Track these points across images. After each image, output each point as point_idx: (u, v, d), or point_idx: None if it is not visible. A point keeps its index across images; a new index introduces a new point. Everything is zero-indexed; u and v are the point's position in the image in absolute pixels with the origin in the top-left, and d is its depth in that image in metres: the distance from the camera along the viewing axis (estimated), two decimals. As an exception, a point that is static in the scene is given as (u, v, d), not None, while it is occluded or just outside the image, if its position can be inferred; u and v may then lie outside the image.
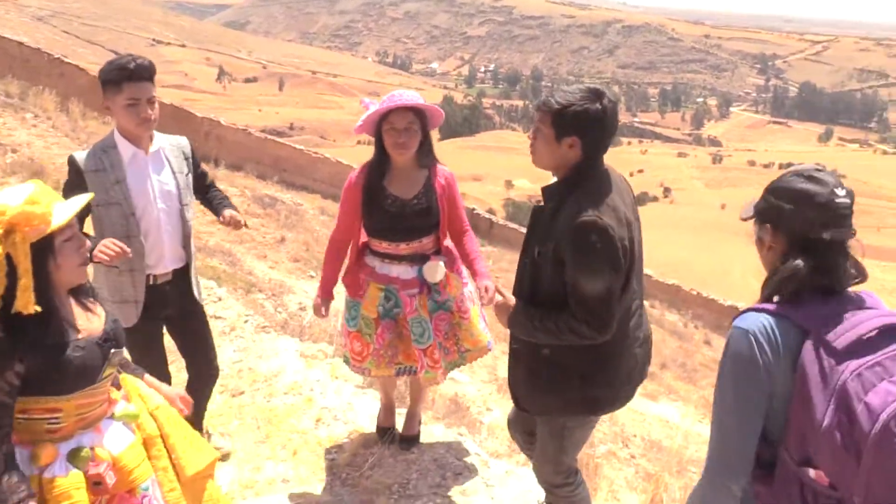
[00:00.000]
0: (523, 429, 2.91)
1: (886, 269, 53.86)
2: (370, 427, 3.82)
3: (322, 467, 3.50)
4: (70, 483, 1.91)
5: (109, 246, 2.62)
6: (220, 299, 5.73)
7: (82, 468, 1.95)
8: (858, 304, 1.65)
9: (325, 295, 3.30)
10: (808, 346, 1.58)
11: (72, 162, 2.92)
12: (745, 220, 1.83)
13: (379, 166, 3.12)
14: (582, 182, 2.32)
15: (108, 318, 2.10)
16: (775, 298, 1.71)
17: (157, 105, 2.94)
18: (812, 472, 1.58)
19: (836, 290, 1.66)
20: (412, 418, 3.67)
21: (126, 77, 2.82)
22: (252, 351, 4.81)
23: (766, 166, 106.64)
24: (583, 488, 2.81)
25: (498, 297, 2.50)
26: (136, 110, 2.86)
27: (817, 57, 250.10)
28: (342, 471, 3.47)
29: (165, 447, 2.19)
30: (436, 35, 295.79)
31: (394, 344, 3.25)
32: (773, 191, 1.72)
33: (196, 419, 3.13)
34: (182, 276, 3.19)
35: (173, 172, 3.08)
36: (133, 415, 2.14)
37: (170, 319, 3.25)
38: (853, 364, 1.52)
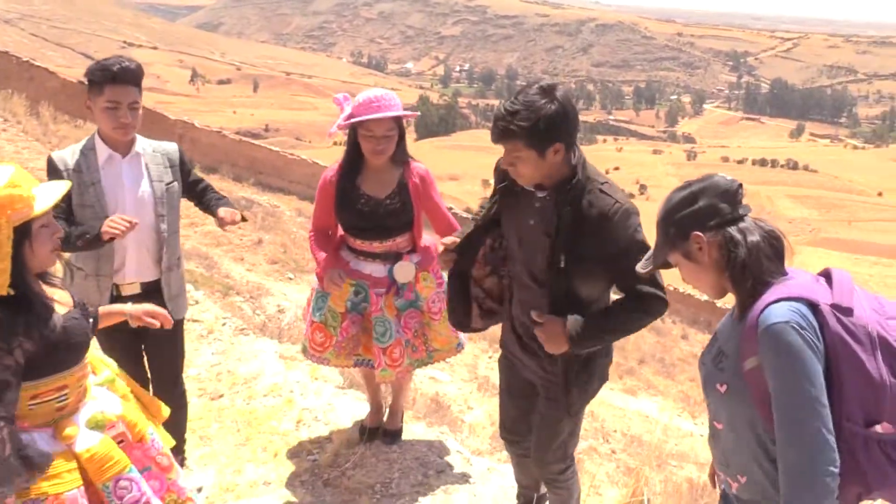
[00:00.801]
0: (524, 430, 2.82)
1: (858, 262, 54.78)
2: (351, 427, 3.81)
3: (304, 468, 3.49)
4: (105, 447, 2.02)
5: (118, 221, 2.60)
6: (196, 302, 5.68)
7: (104, 432, 2.05)
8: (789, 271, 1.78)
9: (328, 264, 3.14)
10: (829, 314, 1.63)
11: (50, 161, 2.87)
12: (658, 267, 1.89)
13: (352, 165, 3.10)
14: (583, 174, 2.29)
15: (70, 292, 2.15)
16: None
17: (140, 111, 2.87)
18: (879, 428, 1.63)
19: (782, 262, 1.76)
20: (394, 414, 3.70)
21: (109, 79, 2.74)
22: (231, 354, 4.78)
23: (739, 162, 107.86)
24: (575, 468, 2.84)
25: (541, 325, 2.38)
26: (115, 114, 2.79)
27: (788, 54, 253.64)
28: (324, 471, 3.45)
29: (139, 401, 2.34)
30: (410, 35, 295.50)
31: (357, 337, 3.28)
32: (668, 213, 1.80)
33: (176, 450, 2.92)
34: (154, 290, 3.02)
35: (151, 180, 2.96)
36: (110, 379, 2.24)
37: (141, 335, 2.96)
38: (868, 316, 1.65)
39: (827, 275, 1.77)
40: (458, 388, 7.28)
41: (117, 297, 2.94)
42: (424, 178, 3.16)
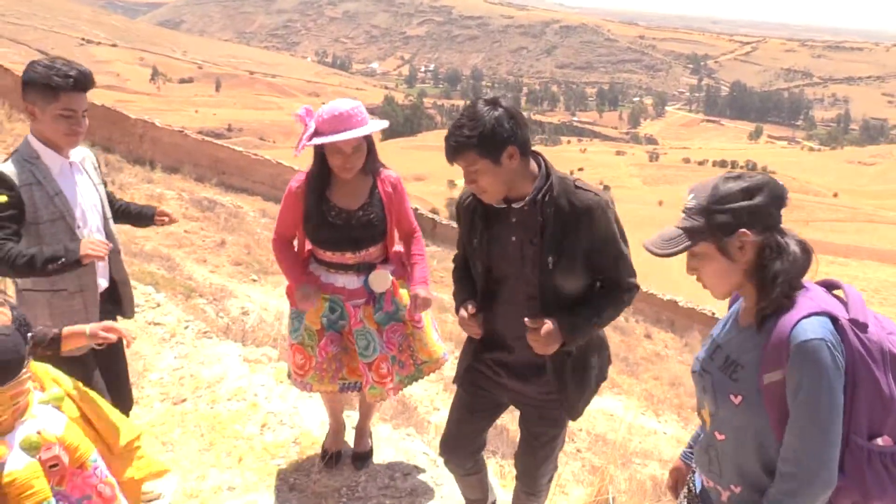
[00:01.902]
0: (474, 449, 2.79)
1: (815, 262, 56.02)
2: (317, 431, 3.78)
3: (269, 473, 3.44)
4: (28, 474, 1.93)
5: (97, 244, 2.51)
6: (158, 305, 5.59)
7: (36, 455, 1.97)
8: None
9: (299, 280, 3.01)
10: (849, 330, 1.65)
11: (2, 178, 2.59)
12: (679, 252, 1.77)
13: (320, 178, 2.94)
14: (555, 176, 2.33)
15: (9, 305, 2.05)
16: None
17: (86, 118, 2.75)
18: (880, 441, 1.68)
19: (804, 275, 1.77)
20: (362, 435, 3.52)
21: (69, 86, 2.61)
22: (193, 357, 4.70)
23: (700, 163, 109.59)
24: None
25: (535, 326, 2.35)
26: (69, 122, 2.65)
27: (746, 57, 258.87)
28: (290, 476, 3.42)
29: (90, 426, 2.24)
30: (375, 35, 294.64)
31: (338, 357, 3.09)
32: (721, 200, 1.71)
33: None
34: (109, 294, 2.96)
35: (94, 184, 2.89)
36: (58, 397, 2.16)
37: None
38: (879, 331, 1.68)
39: (829, 285, 1.78)
40: (425, 390, 7.27)
41: None
42: (396, 187, 3.04)
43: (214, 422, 3.90)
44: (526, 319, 2.29)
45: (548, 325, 2.29)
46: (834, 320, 1.66)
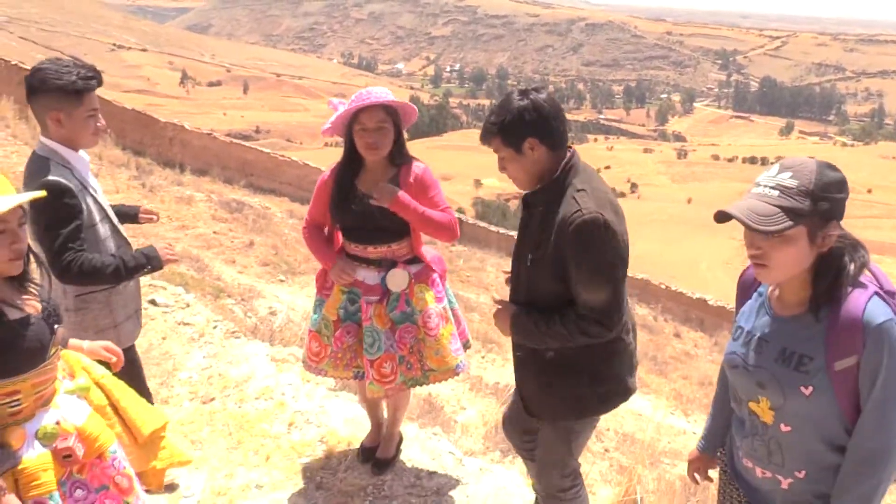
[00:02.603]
0: (521, 428, 2.81)
1: (848, 259, 55.16)
2: (343, 430, 3.80)
3: (296, 471, 3.47)
4: (38, 464, 1.94)
5: (171, 250, 2.77)
6: (188, 305, 5.66)
7: (51, 444, 1.98)
8: None
9: (332, 259, 3.09)
10: (888, 301, 1.71)
11: (58, 187, 2.54)
12: (776, 232, 1.67)
13: (350, 166, 3.03)
14: (566, 178, 2.30)
15: (42, 294, 2.08)
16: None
17: None
18: None
19: None
20: (388, 441, 3.51)
21: (92, 87, 2.66)
22: (222, 357, 4.76)
23: (729, 160, 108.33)
24: (584, 489, 2.80)
25: (497, 306, 2.48)
26: (95, 121, 2.72)
27: (776, 52, 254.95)
28: (316, 474, 3.44)
29: (117, 414, 2.27)
30: (400, 35, 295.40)
31: (353, 348, 3.14)
32: (826, 187, 1.68)
33: None
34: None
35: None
36: (84, 387, 2.18)
37: None
38: None
39: None
40: (451, 389, 7.27)
41: None
42: (421, 179, 3.03)
43: (242, 420, 3.94)
44: (493, 296, 2.43)
45: (504, 307, 2.42)
46: (879, 295, 1.72)
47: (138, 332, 3.10)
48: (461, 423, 5.46)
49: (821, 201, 1.67)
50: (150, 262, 2.69)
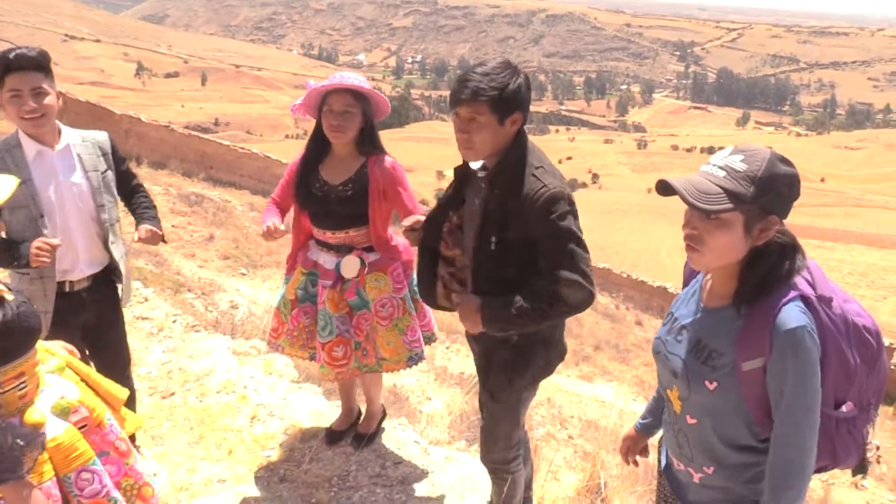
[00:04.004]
0: None
1: (803, 246, 56.44)
2: (307, 421, 3.77)
3: (259, 465, 3.43)
4: (69, 437, 2.00)
5: (42, 247, 2.55)
6: (146, 300, 5.55)
7: (67, 418, 2.04)
8: None
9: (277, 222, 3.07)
10: (818, 308, 1.66)
11: None
12: (712, 212, 1.62)
13: (316, 149, 3.05)
14: (522, 155, 2.30)
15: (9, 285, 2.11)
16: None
17: (51, 97, 2.74)
18: (844, 408, 1.72)
19: None
20: (370, 417, 3.57)
21: (5, 68, 2.64)
22: (182, 351, 4.68)
23: (688, 150, 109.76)
24: (525, 462, 2.82)
25: (459, 303, 2.43)
26: (18, 102, 2.67)
27: (733, 44, 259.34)
28: (280, 467, 3.40)
29: (90, 387, 2.29)
30: (361, 27, 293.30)
31: (308, 329, 3.19)
32: (774, 178, 1.62)
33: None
34: (103, 280, 3.01)
35: (85, 171, 2.88)
36: (61, 366, 2.21)
37: (86, 329, 3.03)
38: (840, 303, 1.70)
39: None
40: (416, 380, 7.26)
41: (69, 293, 2.91)
42: (389, 172, 3.03)
43: (204, 415, 3.88)
44: (453, 296, 2.31)
45: (467, 303, 2.33)
46: (805, 300, 1.66)
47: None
48: (426, 413, 5.46)
49: (765, 191, 1.61)
50: (15, 255, 2.61)
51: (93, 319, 3.03)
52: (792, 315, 1.62)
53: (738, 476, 1.78)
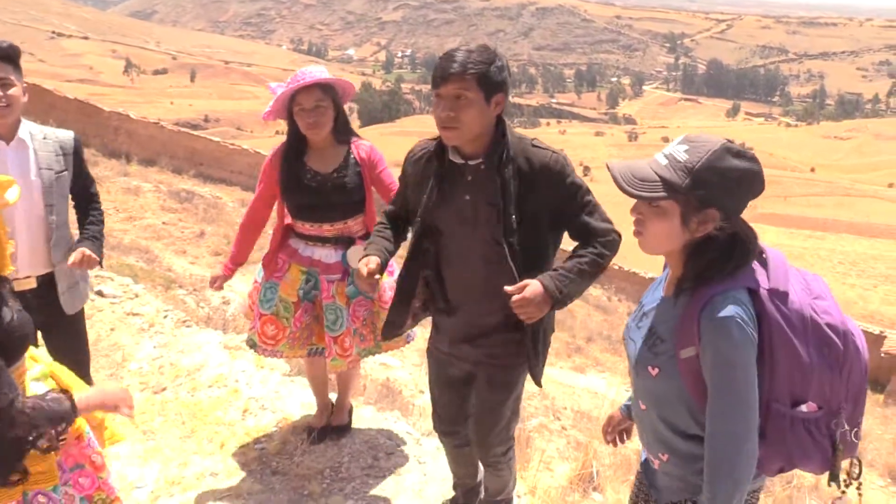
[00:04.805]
0: (462, 417, 2.76)
1: (793, 236, 56.66)
2: (299, 414, 3.77)
3: (251, 458, 3.44)
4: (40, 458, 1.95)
5: None
6: (136, 296, 5.54)
7: None
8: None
9: (229, 272, 3.30)
10: (767, 300, 1.62)
11: None
12: (646, 198, 1.63)
13: (296, 146, 3.04)
14: (512, 134, 2.32)
15: None
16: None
17: (17, 89, 2.71)
18: (804, 407, 1.67)
19: None
20: (341, 409, 3.59)
21: None
22: (173, 346, 4.67)
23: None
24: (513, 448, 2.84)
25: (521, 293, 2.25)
26: None
27: (722, 35, 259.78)
28: (272, 460, 3.41)
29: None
30: (351, 21, 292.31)
31: (309, 326, 3.21)
32: (714, 172, 1.59)
33: None
34: (48, 283, 2.91)
35: (39, 168, 2.82)
36: (45, 373, 2.17)
37: (42, 329, 2.90)
38: (802, 298, 1.66)
39: (760, 252, 1.72)
40: (409, 373, 7.27)
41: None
42: (370, 154, 3.10)
43: (195, 409, 3.88)
44: (506, 287, 2.18)
45: (534, 288, 2.17)
46: (752, 292, 1.64)
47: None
48: (419, 406, 5.47)
49: (701, 184, 1.58)
50: None
51: (41, 322, 2.84)
52: (721, 306, 1.60)
53: (689, 465, 1.77)
